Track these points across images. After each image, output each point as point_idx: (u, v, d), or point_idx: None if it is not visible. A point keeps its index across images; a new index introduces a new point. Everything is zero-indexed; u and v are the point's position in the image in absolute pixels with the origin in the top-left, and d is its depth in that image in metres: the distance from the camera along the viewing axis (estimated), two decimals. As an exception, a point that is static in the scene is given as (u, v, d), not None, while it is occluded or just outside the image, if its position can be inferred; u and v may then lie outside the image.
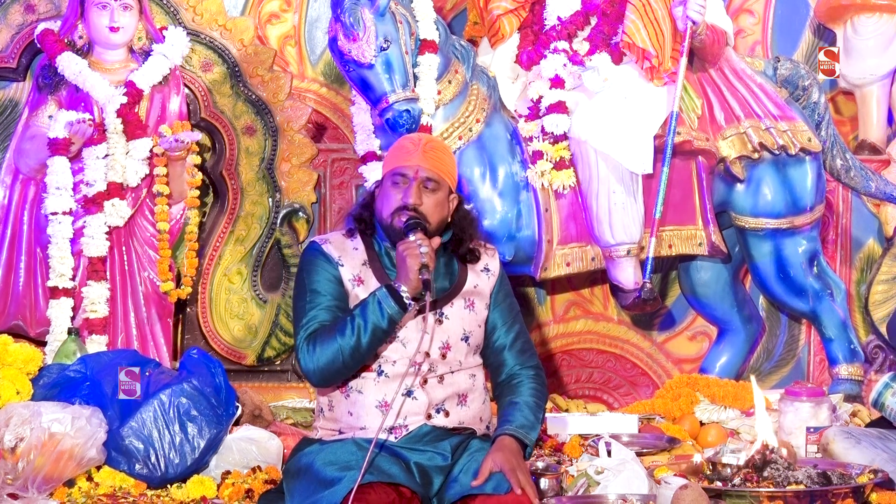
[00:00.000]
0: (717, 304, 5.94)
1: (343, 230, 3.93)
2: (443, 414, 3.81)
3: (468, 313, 3.86)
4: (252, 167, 5.69)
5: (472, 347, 3.87)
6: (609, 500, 4.04)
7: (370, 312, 3.70)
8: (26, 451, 4.22)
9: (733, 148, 5.63)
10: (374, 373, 3.79)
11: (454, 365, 3.83)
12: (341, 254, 3.85)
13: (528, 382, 3.90)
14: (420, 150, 3.84)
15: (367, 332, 3.70)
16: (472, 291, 3.88)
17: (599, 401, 5.97)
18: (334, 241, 3.90)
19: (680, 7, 5.40)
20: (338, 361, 3.73)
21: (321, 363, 3.74)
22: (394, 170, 3.84)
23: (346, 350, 3.71)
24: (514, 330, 3.95)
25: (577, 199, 5.48)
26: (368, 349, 3.73)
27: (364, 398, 3.79)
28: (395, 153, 3.89)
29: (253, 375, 5.66)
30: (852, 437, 4.55)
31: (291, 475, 3.83)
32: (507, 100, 5.61)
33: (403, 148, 3.87)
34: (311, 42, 6.05)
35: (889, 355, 6.06)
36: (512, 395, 3.89)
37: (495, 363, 3.94)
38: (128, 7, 5.33)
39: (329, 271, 3.83)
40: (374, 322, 3.70)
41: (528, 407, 3.85)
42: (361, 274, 3.83)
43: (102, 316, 5.25)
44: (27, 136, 5.38)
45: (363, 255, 3.86)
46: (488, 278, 3.93)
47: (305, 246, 3.94)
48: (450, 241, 3.89)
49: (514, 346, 3.94)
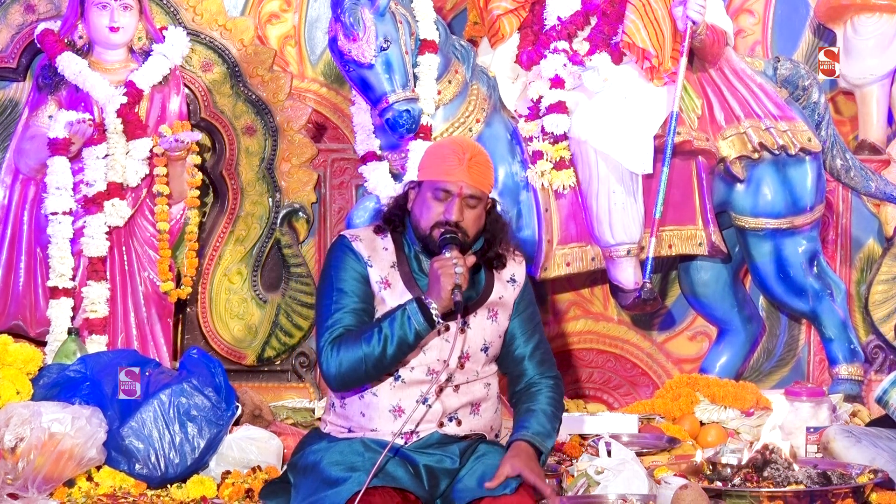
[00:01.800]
0: (717, 304, 5.94)
1: (373, 226, 3.88)
2: (455, 423, 3.79)
3: (490, 324, 3.83)
4: (252, 167, 5.69)
5: (489, 357, 3.84)
6: (609, 500, 4.04)
7: (398, 325, 3.66)
8: (26, 451, 4.22)
9: (733, 148, 5.63)
10: (391, 377, 3.76)
11: (471, 375, 3.80)
12: (371, 253, 3.80)
13: (546, 391, 3.86)
14: (465, 166, 3.74)
15: (393, 345, 3.67)
16: (497, 302, 3.85)
17: (599, 401, 5.97)
18: (365, 238, 3.83)
19: (680, 7, 5.40)
20: (360, 370, 3.70)
21: (343, 369, 3.70)
22: (437, 184, 3.75)
23: (370, 360, 3.68)
24: (534, 339, 3.90)
25: (577, 199, 5.49)
26: (392, 361, 3.70)
27: (378, 401, 3.77)
28: (438, 163, 3.77)
29: (253, 375, 5.66)
30: (852, 436, 4.55)
31: (297, 470, 3.82)
32: (507, 100, 5.61)
33: (448, 160, 3.76)
34: (311, 42, 6.05)
35: (889, 355, 6.07)
36: (529, 403, 3.84)
37: (514, 372, 3.90)
38: (128, 7, 5.33)
39: (357, 270, 3.78)
40: (400, 336, 3.66)
41: (545, 415, 3.81)
42: (389, 276, 3.79)
43: (102, 316, 5.25)
44: (27, 136, 5.38)
45: (392, 257, 3.81)
46: (514, 289, 3.88)
47: (335, 239, 3.89)
48: (480, 247, 3.84)
49: (534, 356, 3.89)
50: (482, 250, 3.82)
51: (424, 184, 3.79)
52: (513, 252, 3.92)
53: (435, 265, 3.66)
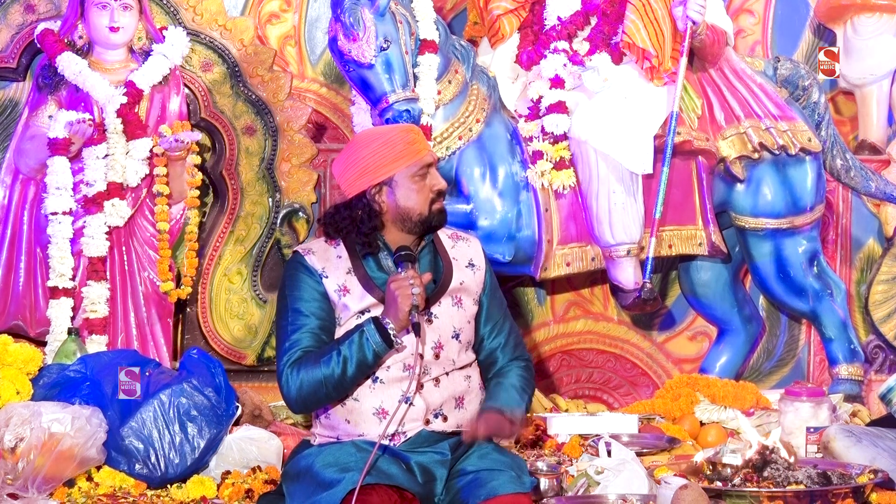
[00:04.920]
0: (717, 304, 5.94)
1: (324, 237, 3.88)
2: (441, 419, 3.80)
3: (457, 311, 3.85)
4: (252, 167, 5.69)
5: (463, 344, 3.86)
6: (609, 500, 4.04)
7: (356, 347, 3.68)
8: (26, 451, 4.22)
9: (733, 148, 5.63)
10: (369, 380, 3.78)
11: (447, 365, 3.82)
12: (325, 264, 3.81)
13: (516, 370, 3.92)
14: (415, 136, 3.82)
15: (353, 366, 3.69)
16: (459, 288, 3.87)
17: (599, 401, 5.97)
18: (318, 250, 3.85)
19: (680, 7, 5.40)
20: (321, 392, 3.73)
21: (304, 392, 3.73)
22: (413, 167, 3.78)
23: (330, 381, 3.71)
24: (505, 329, 3.95)
25: (577, 199, 5.49)
26: (353, 381, 3.73)
27: (360, 405, 3.78)
28: (396, 150, 3.79)
29: (253, 375, 5.66)
30: (853, 436, 4.55)
31: (291, 477, 3.83)
32: (507, 100, 5.61)
33: (400, 142, 3.79)
34: (311, 42, 6.05)
35: (889, 355, 6.07)
36: (499, 379, 3.91)
37: (487, 361, 3.95)
38: (128, 7, 5.33)
39: (313, 287, 3.79)
40: (359, 357, 3.69)
41: (514, 388, 3.87)
42: (346, 282, 3.80)
43: (102, 316, 5.25)
44: (27, 136, 5.38)
45: (347, 263, 3.82)
46: (474, 273, 3.90)
47: (290, 256, 3.90)
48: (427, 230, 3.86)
49: (506, 346, 3.95)
50: (426, 219, 3.82)
51: (396, 176, 3.79)
52: (464, 235, 3.97)
53: (392, 286, 3.68)
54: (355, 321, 3.76)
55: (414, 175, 3.79)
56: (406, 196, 3.79)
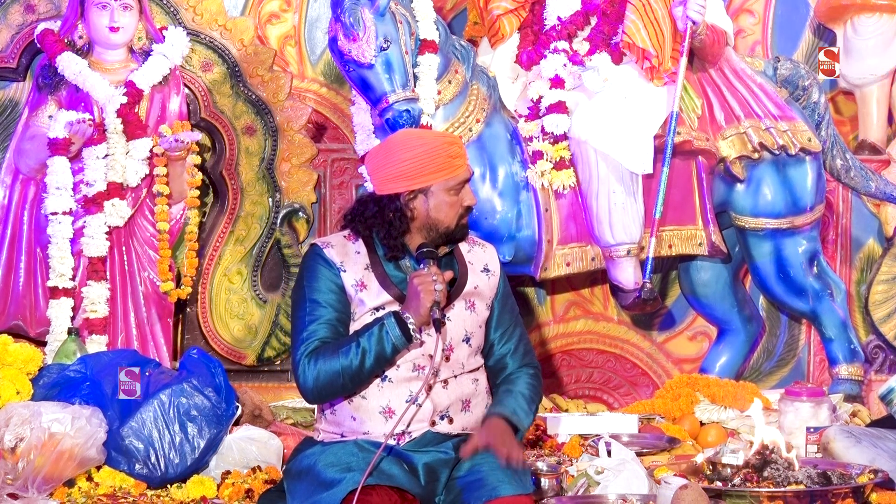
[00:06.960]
0: (717, 304, 5.94)
1: (344, 232, 3.89)
2: (447, 421, 3.80)
3: (469, 314, 3.85)
4: (252, 167, 5.69)
5: (473, 349, 3.86)
6: (609, 500, 4.04)
7: (375, 340, 3.68)
8: (26, 451, 4.22)
9: (733, 148, 5.64)
10: (378, 378, 3.77)
11: (457, 368, 3.81)
12: (343, 259, 3.81)
13: (525, 378, 3.90)
14: (458, 150, 3.80)
15: (371, 358, 3.69)
16: (473, 293, 3.86)
17: (599, 401, 5.97)
18: (336, 244, 3.84)
19: (680, 7, 5.40)
20: (337, 383, 3.71)
21: (321, 383, 3.72)
22: (451, 182, 3.75)
23: (347, 373, 3.69)
24: (515, 335, 3.93)
25: (577, 199, 5.49)
26: (370, 374, 3.72)
27: (368, 403, 3.77)
28: (437, 163, 3.76)
29: (253, 375, 5.66)
30: (852, 436, 4.55)
31: (292, 476, 3.82)
32: (507, 100, 5.61)
33: (442, 155, 3.76)
34: (311, 42, 6.05)
35: (889, 355, 6.07)
36: (508, 386, 3.89)
37: (497, 367, 3.93)
38: (128, 7, 5.33)
39: (330, 279, 3.78)
40: (378, 350, 3.68)
41: (523, 396, 3.85)
42: (364, 278, 3.79)
43: (102, 316, 5.25)
44: (27, 136, 5.38)
45: (365, 259, 3.81)
46: (488, 278, 3.91)
47: (307, 248, 3.90)
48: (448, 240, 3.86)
49: (516, 353, 3.92)
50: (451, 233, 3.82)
51: (433, 187, 3.76)
52: (481, 241, 3.96)
53: (414, 281, 3.68)
54: (369, 317, 3.76)
55: (450, 189, 3.77)
56: (438, 208, 3.78)
